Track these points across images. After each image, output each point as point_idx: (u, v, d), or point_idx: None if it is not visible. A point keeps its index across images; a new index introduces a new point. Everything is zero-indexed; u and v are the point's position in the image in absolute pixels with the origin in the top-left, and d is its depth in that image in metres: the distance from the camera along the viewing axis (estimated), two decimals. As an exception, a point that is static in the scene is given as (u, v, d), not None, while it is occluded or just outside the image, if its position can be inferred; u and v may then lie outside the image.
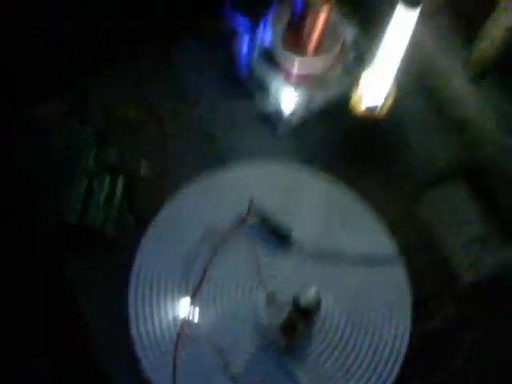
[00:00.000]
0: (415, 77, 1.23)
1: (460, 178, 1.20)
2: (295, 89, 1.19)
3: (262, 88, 1.19)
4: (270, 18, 1.19)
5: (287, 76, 1.18)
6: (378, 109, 1.14)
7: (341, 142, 1.20)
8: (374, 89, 1.12)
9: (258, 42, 1.19)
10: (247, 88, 1.21)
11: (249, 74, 1.20)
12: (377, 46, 1.10)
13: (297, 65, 1.17)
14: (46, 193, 1.12)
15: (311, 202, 1.12)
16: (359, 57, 1.22)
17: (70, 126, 1.16)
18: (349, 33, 1.22)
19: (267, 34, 1.18)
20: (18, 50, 1.19)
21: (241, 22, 1.21)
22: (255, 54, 1.19)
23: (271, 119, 1.19)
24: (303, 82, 1.19)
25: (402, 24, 1.02)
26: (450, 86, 1.24)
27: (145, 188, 1.14)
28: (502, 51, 1.16)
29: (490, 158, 1.21)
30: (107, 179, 1.10)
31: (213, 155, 1.17)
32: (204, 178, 1.11)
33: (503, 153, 1.20)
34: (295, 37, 1.16)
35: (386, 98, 1.14)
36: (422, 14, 1.00)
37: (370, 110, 1.14)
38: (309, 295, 0.90)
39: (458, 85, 1.23)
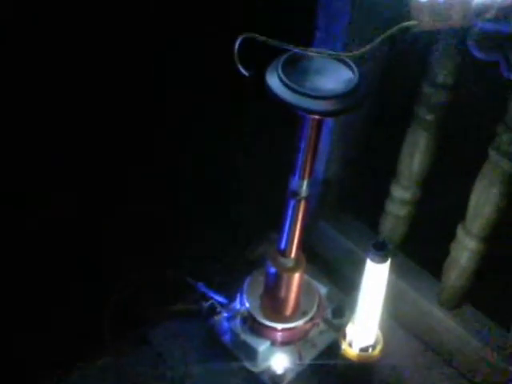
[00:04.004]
0: (396, 314, 1.26)
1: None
2: (282, 349, 1.19)
3: (249, 351, 1.18)
4: (246, 288, 1.21)
5: (272, 338, 1.18)
6: (371, 349, 1.14)
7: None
8: (363, 332, 1.13)
9: (237, 311, 1.20)
10: (233, 353, 1.20)
11: (232, 340, 1.20)
12: (351, 296, 1.12)
13: (279, 329, 1.18)
14: None
15: None
16: (337, 309, 1.24)
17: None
18: (322, 289, 1.25)
19: (245, 304, 1.19)
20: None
21: (216, 298, 1.23)
22: (236, 323, 1.20)
23: (262, 379, 1.17)
24: (289, 341, 1.20)
25: (374, 276, 1.05)
26: (429, 317, 1.25)
27: None
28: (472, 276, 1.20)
29: (487, 381, 1.20)
30: None
31: None
32: None
33: (498, 373, 1.19)
34: (272, 303, 1.18)
35: (376, 339, 1.14)
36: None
37: (364, 350, 1.13)
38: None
39: (438, 315, 1.24)
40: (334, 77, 0.94)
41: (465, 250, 1.17)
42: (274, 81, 0.91)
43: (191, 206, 1.42)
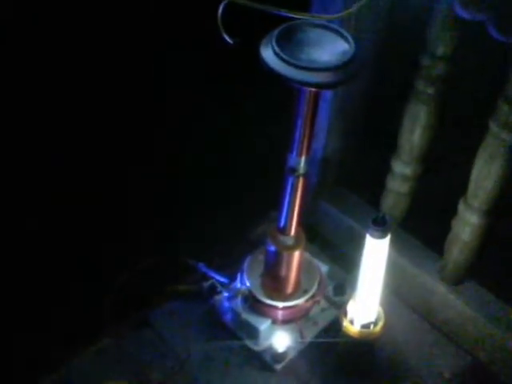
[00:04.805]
0: (398, 291, 1.25)
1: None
2: (283, 327, 1.19)
3: (250, 330, 1.17)
4: (246, 267, 1.20)
5: (273, 317, 1.18)
6: (372, 326, 1.13)
7: (339, 365, 1.18)
8: (364, 309, 1.12)
9: (238, 290, 1.19)
10: (234, 332, 1.20)
11: (233, 319, 1.20)
12: (353, 274, 1.11)
13: (280, 307, 1.17)
14: None
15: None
16: (338, 286, 1.23)
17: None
18: (323, 267, 1.24)
19: (245, 283, 1.18)
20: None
21: (216, 278, 1.22)
22: (237, 303, 1.19)
23: (263, 358, 1.17)
24: (290, 319, 1.19)
25: (375, 252, 1.04)
26: (431, 294, 1.24)
27: None
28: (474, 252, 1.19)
29: (491, 358, 1.19)
30: None
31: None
32: None
33: (503, 350, 1.18)
34: (273, 281, 1.17)
35: (378, 316, 1.13)
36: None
37: (365, 327, 1.12)
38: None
39: (440, 291, 1.23)
40: (330, 48, 0.92)
41: (466, 224, 1.16)
42: (268, 54, 0.90)
43: (191, 189, 1.41)
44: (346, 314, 1.13)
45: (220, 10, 0.84)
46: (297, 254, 1.14)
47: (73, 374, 1.16)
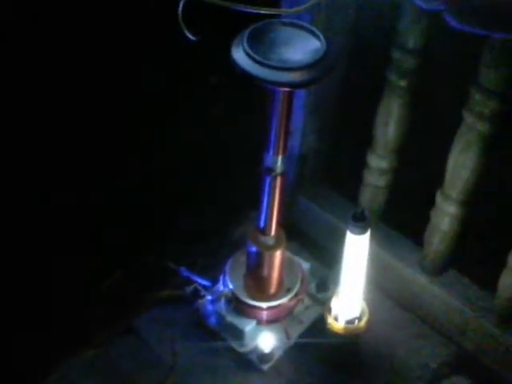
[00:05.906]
0: (380, 284, 1.25)
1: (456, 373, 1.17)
2: (268, 327, 1.19)
3: (235, 332, 1.17)
4: (228, 269, 1.20)
5: (257, 318, 1.17)
6: (357, 321, 1.13)
7: (326, 362, 1.18)
8: (348, 304, 1.12)
9: (221, 293, 1.19)
10: (220, 335, 1.19)
11: (218, 322, 1.19)
12: (334, 270, 1.11)
13: (264, 308, 1.17)
14: None
15: None
16: (321, 283, 1.23)
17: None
18: (304, 265, 1.24)
19: (228, 285, 1.18)
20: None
21: (199, 282, 1.22)
22: (221, 305, 1.18)
23: (250, 359, 1.17)
24: (274, 319, 1.19)
25: (356, 248, 1.04)
26: (414, 285, 1.24)
27: None
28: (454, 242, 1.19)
29: (476, 346, 1.20)
30: None
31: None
32: None
33: (487, 338, 1.19)
34: (256, 282, 1.17)
35: (362, 311, 1.13)
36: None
37: (350, 323, 1.13)
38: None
39: (422, 282, 1.24)
40: (302, 47, 0.92)
41: (445, 215, 1.16)
42: (239, 55, 0.89)
43: (173, 192, 1.40)
44: (330, 311, 1.13)
45: (180, 7, 0.83)
46: (278, 254, 1.14)
47: (73, 374, 1.16)
